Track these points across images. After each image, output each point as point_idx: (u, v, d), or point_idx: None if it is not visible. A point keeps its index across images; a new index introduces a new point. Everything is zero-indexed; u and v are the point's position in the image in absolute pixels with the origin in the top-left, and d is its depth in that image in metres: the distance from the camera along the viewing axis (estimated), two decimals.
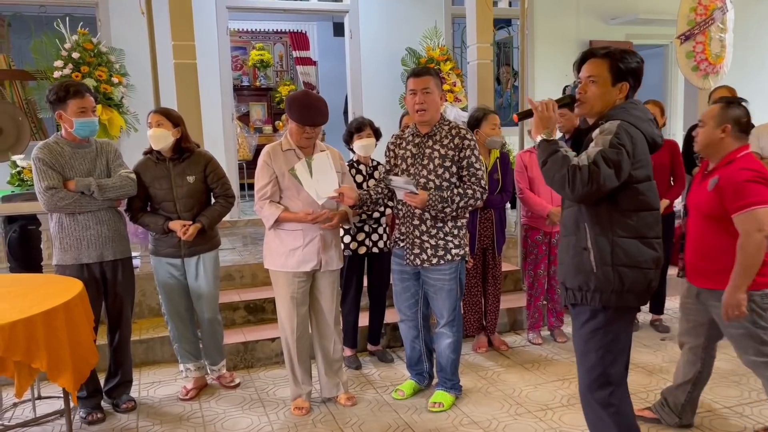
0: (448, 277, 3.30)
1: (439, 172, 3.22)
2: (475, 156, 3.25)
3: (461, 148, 3.22)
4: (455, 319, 3.40)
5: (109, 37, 6.45)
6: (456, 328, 3.41)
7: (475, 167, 3.24)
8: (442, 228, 3.27)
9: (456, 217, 3.28)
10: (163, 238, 3.46)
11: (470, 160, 3.23)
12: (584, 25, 8.10)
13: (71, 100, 3.16)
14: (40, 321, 2.55)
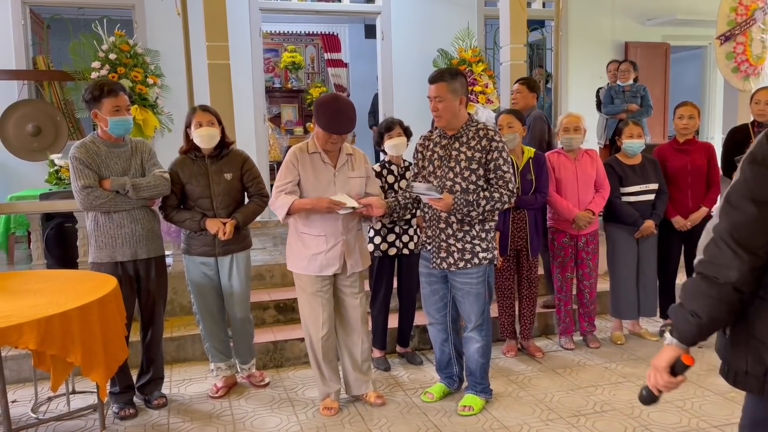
0: (475, 281, 3.24)
1: (465, 174, 3.16)
2: (504, 158, 3.15)
3: (489, 150, 3.13)
4: (484, 324, 3.33)
5: (145, 39, 6.55)
6: (485, 332, 3.35)
7: (502, 170, 3.15)
8: (469, 231, 3.20)
9: (483, 220, 3.21)
10: (197, 236, 3.48)
11: (497, 163, 3.14)
12: (620, 26, 7.98)
13: (106, 98, 3.20)
14: (75, 316, 2.59)
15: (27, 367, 3.79)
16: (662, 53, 8.11)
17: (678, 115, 4.38)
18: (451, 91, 3.11)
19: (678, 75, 8.96)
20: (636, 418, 3.23)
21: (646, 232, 4.22)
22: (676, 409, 3.33)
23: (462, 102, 3.15)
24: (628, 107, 6.33)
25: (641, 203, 4.22)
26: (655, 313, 4.45)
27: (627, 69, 6.42)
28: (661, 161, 4.37)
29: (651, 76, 7.73)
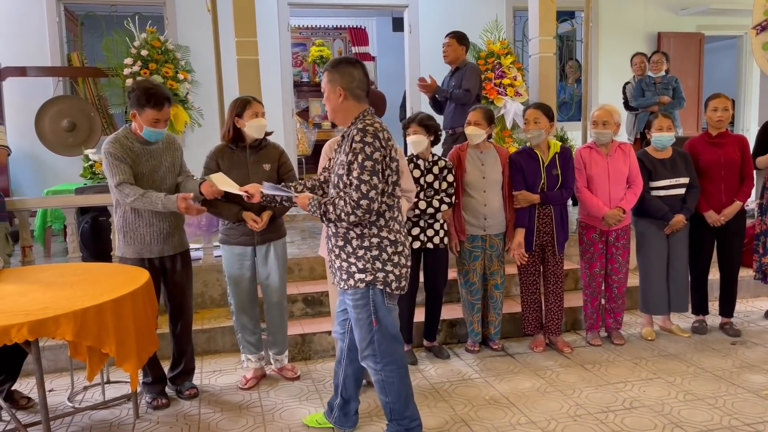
0: (352, 304, 2.78)
1: (335, 180, 2.75)
2: (360, 163, 2.58)
3: (348, 152, 2.64)
4: (378, 356, 2.80)
5: (176, 35, 6.65)
6: (382, 366, 2.81)
7: (352, 176, 2.60)
8: (343, 248, 2.75)
9: (361, 236, 2.70)
10: (236, 226, 3.53)
11: (351, 167, 2.61)
12: (652, 16, 7.82)
13: (150, 109, 3.19)
14: (110, 308, 2.66)
15: (64, 357, 3.89)
16: (696, 43, 7.93)
17: (712, 108, 4.28)
18: (329, 82, 2.73)
19: (712, 66, 8.77)
20: (666, 415, 3.19)
21: (676, 226, 4.15)
22: (707, 406, 3.28)
23: (342, 95, 2.69)
24: (660, 99, 6.22)
25: (671, 197, 4.15)
26: (687, 308, 4.38)
27: (659, 60, 6.31)
28: (693, 155, 4.29)
29: (684, 67, 7.57)
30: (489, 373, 3.82)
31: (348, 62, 2.75)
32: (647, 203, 4.13)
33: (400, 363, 2.85)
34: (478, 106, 4.12)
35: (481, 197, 4.00)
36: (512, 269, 4.49)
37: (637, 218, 4.24)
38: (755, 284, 4.99)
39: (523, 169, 4.00)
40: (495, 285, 4.14)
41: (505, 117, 6.45)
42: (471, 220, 4.02)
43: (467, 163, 4.02)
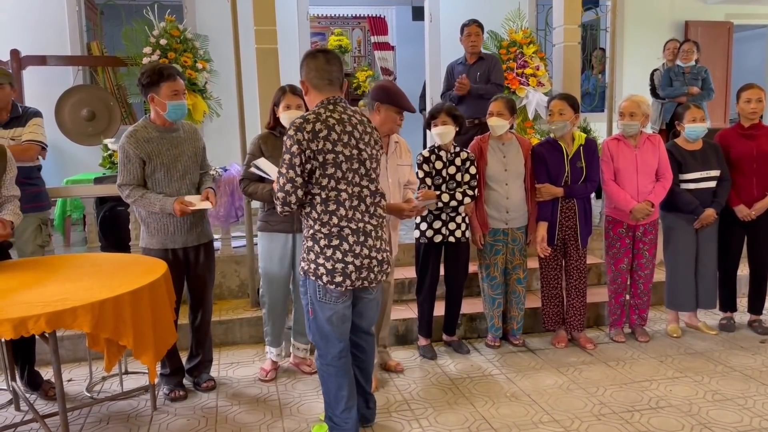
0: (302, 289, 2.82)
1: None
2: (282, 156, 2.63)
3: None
4: (318, 349, 2.85)
5: (194, 24, 6.61)
6: (316, 356, 2.88)
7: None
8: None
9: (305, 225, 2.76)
10: (275, 213, 3.40)
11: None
12: (679, 4, 7.63)
13: (165, 83, 3.21)
14: (127, 300, 2.62)
15: (82, 347, 3.89)
16: (725, 33, 7.72)
17: (745, 99, 4.14)
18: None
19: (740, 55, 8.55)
20: (694, 416, 3.10)
21: (707, 221, 4.03)
22: (737, 407, 3.18)
23: (305, 88, 2.75)
24: (688, 90, 6.06)
25: (701, 191, 4.03)
26: (715, 305, 4.26)
27: (690, 49, 6.13)
28: (724, 147, 4.16)
29: (712, 56, 7.38)
30: (510, 369, 3.75)
31: (307, 54, 2.77)
32: (677, 197, 4.01)
33: (328, 361, 2.81)
34: (500, 96, 4.03)
35: (503, 190, 3.92)
36: (533, 263, 4.41)
37: (665, 212, 4.12)
38: None
39: (546, 161, 3.91)
40: (517, 279, 4.06)
41: (527, 107, 6.33)
42: (493, 213, 3.94)
43: (489, 154, 3.94)
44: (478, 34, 5.19)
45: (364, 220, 2.70)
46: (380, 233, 2.77)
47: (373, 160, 2.75)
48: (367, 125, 2.76)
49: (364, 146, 2.70)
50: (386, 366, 3.78)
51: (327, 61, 2.70)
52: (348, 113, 2.69)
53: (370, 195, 2.74)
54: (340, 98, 2.72)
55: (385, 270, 2.81)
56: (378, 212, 2.77)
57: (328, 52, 2.77)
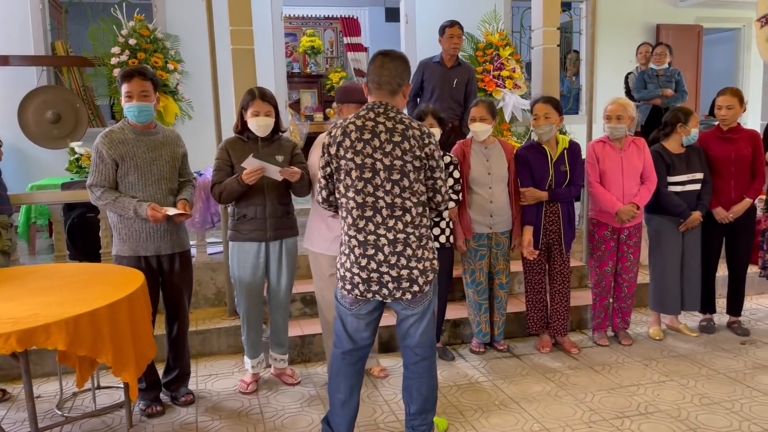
0: None
1: None
2: None
3: None
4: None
5: (164, 24, 6.43)
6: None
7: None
8: None
9: None
10: (246, 221, 3.37)
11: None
12: (651, 8, 7.72)
13: (122, 85, 3.14)
14: (105, 314, 2.49)
15: (51, 361, 3.71)
16: (695, 36, 7.84)
17: (717, 105, 4.21)
18: None
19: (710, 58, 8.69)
20: (683, 421, 3.09)
21: (693, 223, 4.04)
22: (725, 411, 3.18)
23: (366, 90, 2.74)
24: (663, 92, 6.11)
25: (687, 193, 4.05)
26: (698, 307, 4.28)
27: (662, 52, 6.19)
28: (704, 150, 4.18)
29: (683, 59, 7.47)
30: (496, 375, 3.69)
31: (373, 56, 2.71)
32: (665, 199, 4.01)
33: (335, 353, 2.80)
34: (480, 101, 3.97)
35: (487, 194, 3.86)
36: (516, 267, 4.37)
37: (650, 215, 4.12)
38: (759, 281, 4.92)
39: (530, 164, 3.87)
40: (500, 284, 4.02)
41: (504, 110, 6.32)
42: (476, 217, 3.89)
43: (472, 158, 3.88)
44: (460, 36, 5.12)
45: (377, 232, 2.57)
46: (399, 248, 2.56)
47: (392, 170, 2.54)
48: (399, 132, 2.56)
49: (382, 155, 2.54)
50: (370, 371, 3.71)
51: (381, 64, 2.62)
52: (378, 119, 2.57)
53: (387, 207, 2.56)
54: (380, 104, 2.61)
55: (407, 288, 2.59)
56: (398, 226, 2.57)
57: (388, 54, 2.66)
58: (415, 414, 2.79)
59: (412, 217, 2.59)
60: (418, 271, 2.60)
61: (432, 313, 2.74)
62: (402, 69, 2.63)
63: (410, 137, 2.56)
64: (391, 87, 2.60)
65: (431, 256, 2.66)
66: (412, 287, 2.60)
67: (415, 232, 2.60)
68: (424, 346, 2.73)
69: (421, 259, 2.61)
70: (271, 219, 3.38)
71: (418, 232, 2.61)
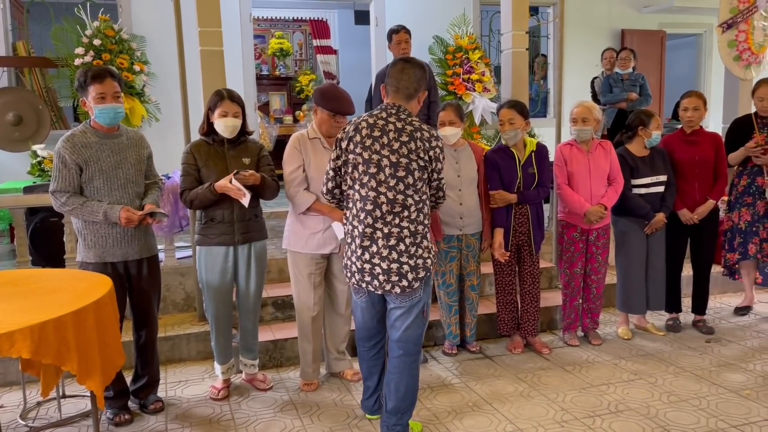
0: None
1: None
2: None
3: None
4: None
5: (130, 24, 6.32)
6: None
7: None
8: None
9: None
10: (213, 225, 3.32)
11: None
12: (616, 13, 7.87)
13: (91, 85, 3.03)
14: (71, 321, 2.42)
15: (14, 370, 3.61)
16: (658, 41, 8.02)
17: (683, 107, 4.30)
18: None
19: (672, 63, 8.90)
20: (653, 419, 3.14)
21: (658, 225, 4.12)
22: (692, 408, 3.24)
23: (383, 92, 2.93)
24: (628, 96, 6.23)
25: (652, 195, 4.12)
26: (663, 306, 4.36)
27: (627, 57, 6.32)
28: (668, 152, 4.27)
29: (647, 64, 7.64)
30: (469, 377, 3.71)
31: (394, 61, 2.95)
32: (629, 201, 4.08)
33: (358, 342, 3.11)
34: (448, 104, 3.98)
35: (457, 196, 3.88)
36: (486, 269, 4.40)
37: (617, 217, 4.19)
38: (722, 280, 5.04)
39: (499, 167, 3.90)
40: (471, 286, 4.03)
41: (473, 113, 6.36)
42: (446, 219, 3.90)
43: None
44: (408, 41, 5.14)
45: (375, 225, 2.71)
46: (392, 242, 2.70)
47: (397, 167, 2.68)
48: (407, 133, 2.70)
49: (389, 152, 2.69)
50: (343, 375, 3.69)
51: (401, 69, 2.79)
52: (390, 119, 2.73)
53: (388, 203, 2.70)
54: (393, 105, 2.77)
55: (396, 282, 2.72)
56: (395, 221, 2.70)
57: (409, 61, 2.84)
58: (391, 412, 2.87)
59: (409, 214, 2.72)
60: (409, 266, 2.72)
61: (421, 312, 2.83)
62: (420, 76, 2.80)
63: (417, 138, 2.71)
64: (408, 92, 2.77)
65: (425, 254, 2.77)
66: (401, 282, 2.72)
67: (410, 227, 2.73)
68: (408, 342, 2.83)
69: (413, 256, 2.73)
70: (239, 222, 3.34)
71: (414, 228, 2.74)
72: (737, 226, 4.55)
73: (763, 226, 4.45)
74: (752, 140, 4.38)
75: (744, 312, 4.77)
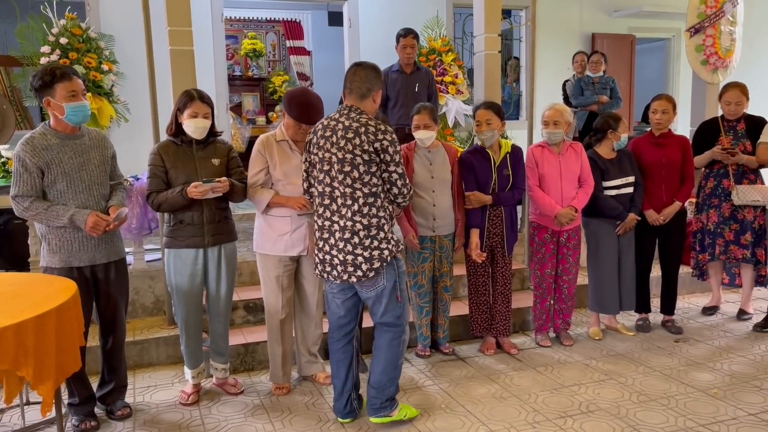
0: None
1: None
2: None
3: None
4: None
5: (98, 23, 6.21)
6: None
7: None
8: None
9: None
10: (183, 227, 3.26)
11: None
12: (587, 17, 7.96)
13: (59, 83, 2.93)
14: (31, 326, 2.35)
15: None
16: (628, 45, 8.14)
17: (652, 110, 4.36)
18: None
19: (642, 66, 9.03)
20: (623, 418, 3.16)
21: (630, 225, 4.17)
22: (661, 407, 3.28)
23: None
24: (599, 99, 6.31)
25: (621, 196, 4.16)
26: (634, 306, 4.41)
27: (598, 60, 6.40)
28: (636, 154, 4.33)
29: (617, 67, 7.74)
30: (442, 379, 3.70)
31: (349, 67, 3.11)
32: (601, 203, 4.12)
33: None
34: (421, 106, 3.97)
35: (430, 197, 3.87)
36: (459, 270, 4.40)
37: (588, 219, 4.22)
38: (690, 280, 5.11)
39: (474, 168, 3.91)
40: (444, 287, 4.03)
41: (447, 115, 6.37)
42: (420, 220, 3.89)
43: (415, 162, 3.89)
44: (414, 46, 5.27)
45: (332, 219, 2.94)
46: (347, 235, 2.90)
47: (344, 163, 2.86)
48: (353, 130, 2.87)
49: (337, 150, 2.88)
50: (315, 378, 3.66)
51: (353, 72, 3.00)
52: (340, 120, 2.93)
53: (341, 196, 2.90)
54: (347, 107, 2.97)
55: (352, 272, 2.92)
56: (347, 214, 2.89)
57: (360, 64, 3.05)
58: (372, 385, 3.08)
59: (359, 207, 2.89)
60: (363, 258, 2.91)
61: (393, 298, 3.01)
62: (372, 76, 2.99)
63: (362, 133, 2.86)
64: (361, 92, 2.96)
65: (381, 245, 2.93)
66: (356, 272, 2.92)
67: (362, 221, 2.90)
68: (388, 322, 3.06)
69: (368, 248, 2.91)
70: (209, 224, 3.29)
71: (367, 221, 2.90)
72: (706, 228, 4.63)
73: (730, 228, 4.53)
74: (718, 144, 4.45)
75: (712, 312, 4.85)
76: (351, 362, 3.16)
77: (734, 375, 3.68)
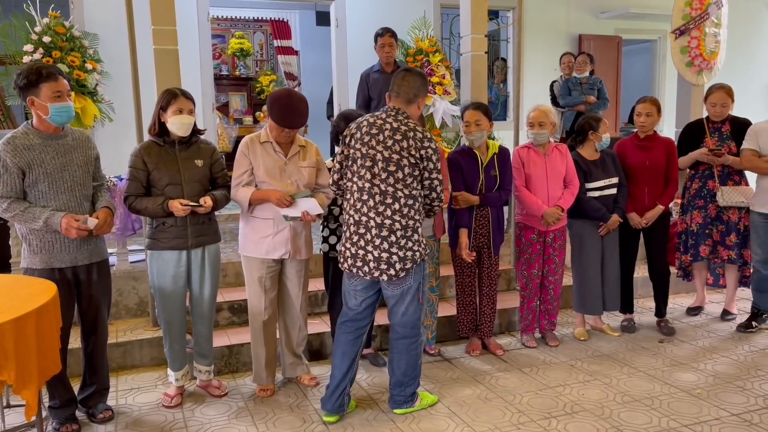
0: None
1: None
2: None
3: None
4: None
5: (82, 21, 6.15)
6: None
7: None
8: None
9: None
10: (166, 229, 3.23)
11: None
12: (574, 19, 7.99)
13: (44, 83, 2.89)
14: (10, 329, 2.31)
15: None
16: (614, 46, 8.17)
17: (636, 112, 4.38)
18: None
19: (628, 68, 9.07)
20: (607, 419, 3.17)
21: (612, 226, 4.18)
22: (645, 408, 3.29)
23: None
24: (586, 99, 6.33)
25: (605, 197, 4.18)
26: (618, 307, 4.42)
27: (584, 61, 6.42)
28: (621, 156, 4.34)
29: (603, 69, 7.77)
30: (427, 380, 3.69)
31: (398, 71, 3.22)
32: (585, 204, 4.13)
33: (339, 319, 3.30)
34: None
35: None
36: (447, 271, 4.40)
37: (572, 220, 4.23)
38: (675, 281, 5.11)
39: (462, 169, 3.90)
40: (430, 288, 4.02)
41: (434, 115, 6.35)
42: None
43: None
44: (392, 44, 5.26)
45: (368, 215, 3.01)
46: (384, 233, 2.98)
47: (389, 162, 2.97)
48: (401, 132, 2.99)
49: (383, 149, 2.98)
50: (300, 380, 3.64)
51: (402, 77, 3.12)
52: (388, 120, 3.04)
53: (380, 194, 2.98)
54: (393, 108, 3.08)
55: (385, 270, 3.00)
56: (387, 212, 2.97)
57: (410, 70, 3.18)
58: (394, 385, 3.25)
59: (399, 207, 2.99)
60: (397, 257, 3.01)
61: (415, 299, 3.12)
62: (420, 84, 3.11)
63: (410, 138, 3.00)
64: (408, 97, 3.09)
65: (414, 247, 3.05)
66: (389, 270, 3.01)
67: (402, 221, 3.00)
68: (405, 326, 3.16)
69: (403, 247, 3.02)
70: (193, 226, 3.26)
71: (405, 222, 3.01)
72: (689, 229, 4.65)
73: (716, 229, 4.55)
74: (704, 145, 4.47)
75: (696, 312, 4.88)
76: (356, 356, 3.22)
77: (718, 375, 3.70)
